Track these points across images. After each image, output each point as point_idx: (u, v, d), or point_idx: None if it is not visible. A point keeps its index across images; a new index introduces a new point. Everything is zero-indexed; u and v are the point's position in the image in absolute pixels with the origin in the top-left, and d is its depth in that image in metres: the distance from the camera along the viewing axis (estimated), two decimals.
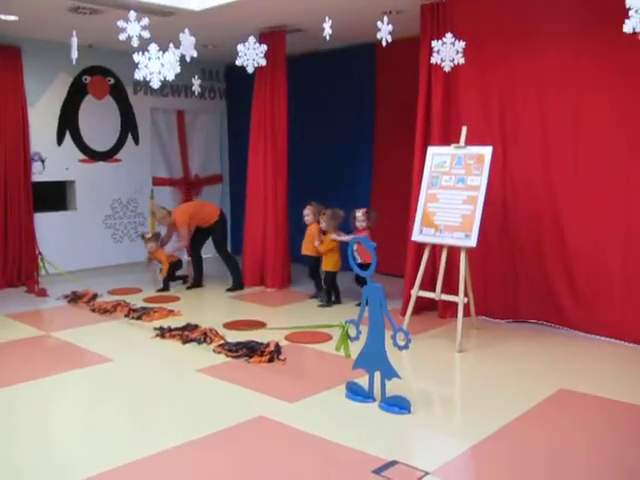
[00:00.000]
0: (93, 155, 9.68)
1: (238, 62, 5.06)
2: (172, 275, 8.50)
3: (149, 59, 4.71)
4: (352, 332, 4.76)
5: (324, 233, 7.57)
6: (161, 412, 4.53)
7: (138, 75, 4.73)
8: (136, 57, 4.70)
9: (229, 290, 8.25)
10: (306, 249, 7.75)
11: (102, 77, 9.68)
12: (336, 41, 6.37)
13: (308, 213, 7.76)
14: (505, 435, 4.07)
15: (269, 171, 8.39)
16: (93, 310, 7.28)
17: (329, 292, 7.57)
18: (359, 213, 7.29)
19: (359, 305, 7.31)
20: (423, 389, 4.95)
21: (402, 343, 4.45)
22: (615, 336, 5.96)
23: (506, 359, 5.57)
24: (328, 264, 7.56)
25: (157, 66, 4.68)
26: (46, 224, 9.14)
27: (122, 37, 4.56)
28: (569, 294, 6.27)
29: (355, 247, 6.96)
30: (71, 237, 9.42)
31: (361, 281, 7.26)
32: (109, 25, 6.34)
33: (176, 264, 8.56)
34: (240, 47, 5.02)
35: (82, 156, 9.55)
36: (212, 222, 8.35)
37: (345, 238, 7.36)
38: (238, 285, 8.34)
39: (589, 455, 3.84)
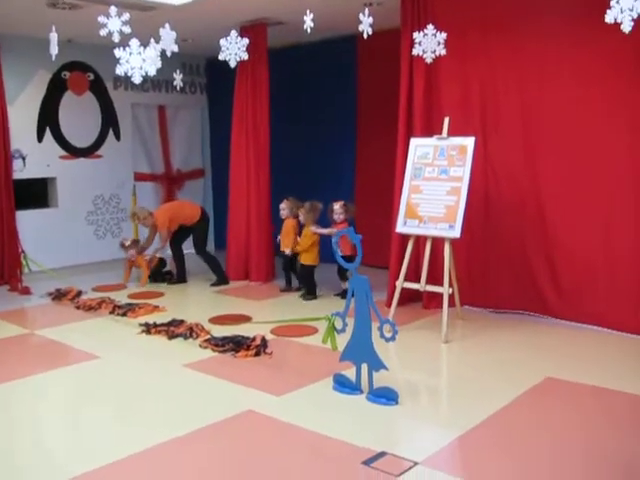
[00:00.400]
0: (74, 151, 9.62)
1: (221, 57, 5.03)
2: (160, 274, 8.48)
3: (130, 54, 4.69)
4: (338, 324, 4.77)
5: (301, 227, 7.54)
6: (149, 408, 4.52)
7: (120, 70, 4.72)
8: (117, 52, 4.68)
9: (213, 285, 8.23)
10: (284, 245, 7.72)
11: (81, 73, 9.60)
12: (317, 34, 6.35)
13: (284, 207, 7.73)
14: (493, 424, 4.10)
15: (251, 165, 8.37)
16: (78, 307, 7.25)
17: (312, 286, 7.54)
18: (337, 206, 7.25)
19: (337, 295, 7.36)
20: (410, 380, 4.97)
21: (389, 335, 4.47)
22: (600, 325, 6.00)
23: (492, 349, 5.60)
24: (308, 258, 7.53)
25: (138, 61, 4.66)
26: (28, 221, 9.05)
27: (103, 32, 4.53)
28: (552, 284, 6.31)
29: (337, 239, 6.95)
30: (53, 234, 9.36)
31: (343, 274, 7.28)
32: (88, 20, 6.30)
33: (160, 263, 8.55)
34: (222, 42, 4.98)
35: (63, 152, 9.50)
36: (194, 221, 8.29)
37: (325, 231, 7.34)
38: (222, 281, 8.31)
39: (578, 441, 3.87)
